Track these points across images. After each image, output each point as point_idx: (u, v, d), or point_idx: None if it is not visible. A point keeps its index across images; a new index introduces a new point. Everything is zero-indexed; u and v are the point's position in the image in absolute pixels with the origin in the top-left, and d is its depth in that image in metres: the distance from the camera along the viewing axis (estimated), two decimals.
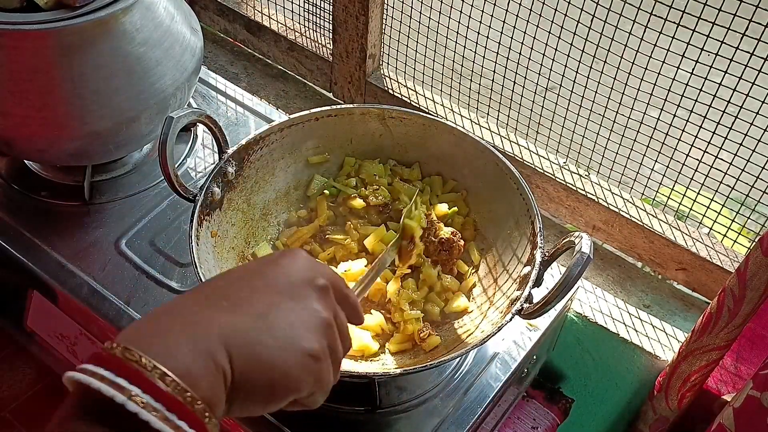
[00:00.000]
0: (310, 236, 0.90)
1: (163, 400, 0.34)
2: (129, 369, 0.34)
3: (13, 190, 1.02)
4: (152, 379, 0.34)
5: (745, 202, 0.92)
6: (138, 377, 0.34)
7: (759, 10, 0.77)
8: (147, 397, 0.33)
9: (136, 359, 0.34)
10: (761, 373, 0.74)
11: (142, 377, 0.34)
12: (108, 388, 0.33)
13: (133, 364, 0.34)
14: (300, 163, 0.93)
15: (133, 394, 0.33)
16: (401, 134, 0.93)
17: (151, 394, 0.33)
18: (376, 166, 0.93)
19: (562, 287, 0.69)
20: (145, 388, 0.33)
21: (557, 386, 1.10)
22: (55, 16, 0.82)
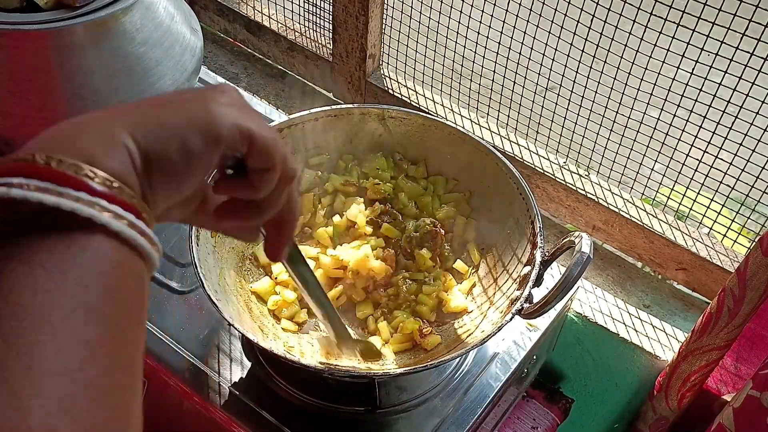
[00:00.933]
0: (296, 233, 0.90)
1: (97, 194, 0.32)
2: (52, 173, 0.32)
3: None
4: (79, 176, 0.32)
5: (745, 202, 0.92)
6: (64, 178, 0.32)
7: (759, 10, 0.77)
8: (81, 194, 0.32)
9: (53, 162, 0.32)
10: (761, 373, 0.74)
11: (68, 177, 0.32)
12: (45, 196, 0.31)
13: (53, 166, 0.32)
14: (300, 164, 0.93)
15: (68, 195, 0.31)
16: (401, 134, 0.93)
17: (84, 191, 0.32)
18: (379, 159, 0.93)
19: (562, 287, 0.69)
20: (76, 186, 0.32)
21: (557, 386, 1.10)
22: (55, 16, 0.82)
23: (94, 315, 0.31)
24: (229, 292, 0.80)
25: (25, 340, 0.28)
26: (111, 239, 0.32)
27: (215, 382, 0.82)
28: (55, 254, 0.31)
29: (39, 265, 0.30)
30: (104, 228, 0.32)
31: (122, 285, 0.33)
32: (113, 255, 0.33)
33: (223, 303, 0.74)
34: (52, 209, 0.31)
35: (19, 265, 0.30)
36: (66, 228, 0.31)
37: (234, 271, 0.85)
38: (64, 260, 0.31)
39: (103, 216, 0.32)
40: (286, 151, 0.43)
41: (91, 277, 0.31)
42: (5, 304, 0.29)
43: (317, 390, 0.82)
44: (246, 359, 0.85)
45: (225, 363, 0.84)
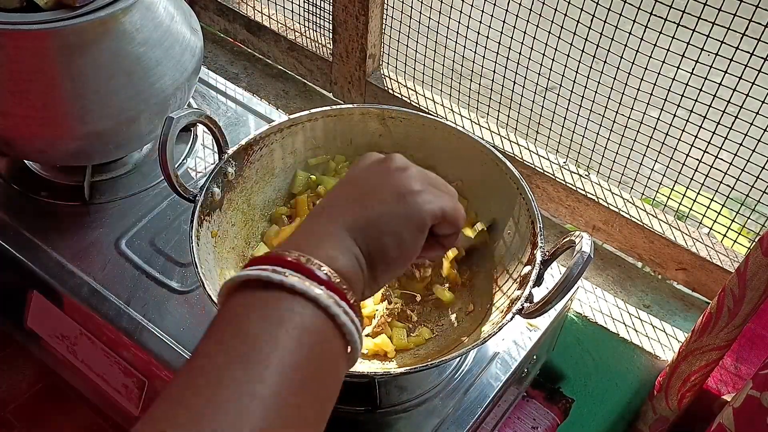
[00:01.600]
0: None
1: (320, 282, 0.41)
2: (294, 264, 0.42)
3: (13, 190, 1.02)
4: (312, 268, 0.42)
5: (745, 202, 0.92)
6: (301, 268, 0.42)
7: (759, 10, 0.77)
8: (309, 282, 0.41)
9: (296, 257, 0.42)
10: (761, 373, 0.74)
11: (304, 268, 0.42)
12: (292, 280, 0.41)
13: (295, 260, 0.42)
14: (300, 164, 0.93)
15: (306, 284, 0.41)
16: (401, 134, 0.93)
17: (313, 280, 0.41)
18: None
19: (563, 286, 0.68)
20: (308, 275, 0.41)
21: (557, 386, 1.10)
22: (55, 16, 0.82)
23: (303, 370, 0.39)
24: None
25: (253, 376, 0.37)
26: (326, 318, 0.41)
27: None
28: (281, 312, 0.40)
29: (279, 324, 0.39)
30: (315, 300, 0.41)
31: (326, 357, 0.41)
32: (324, 329, 0.41)
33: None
34: (295, 290, 0.41)
35: (267, 323, 0.39)
36: (291, 296, 0.40)
37: (234, 271, 0.85)
38: (285, 319, 0.40)
39: (314, 291, 0.41)
40: (460, 206, 0.52)
41: (300, 335, 0.39)
42: (251, 348, 0.38)
43: None
44: None
45: None
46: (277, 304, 0.40)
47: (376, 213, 0.46)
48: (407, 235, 0.46)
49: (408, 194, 0.47)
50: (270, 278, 0.40)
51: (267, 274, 0.40)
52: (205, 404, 0.35)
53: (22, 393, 1.31)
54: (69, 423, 1.26)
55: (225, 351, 0.38)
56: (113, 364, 0.89)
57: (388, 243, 0.46)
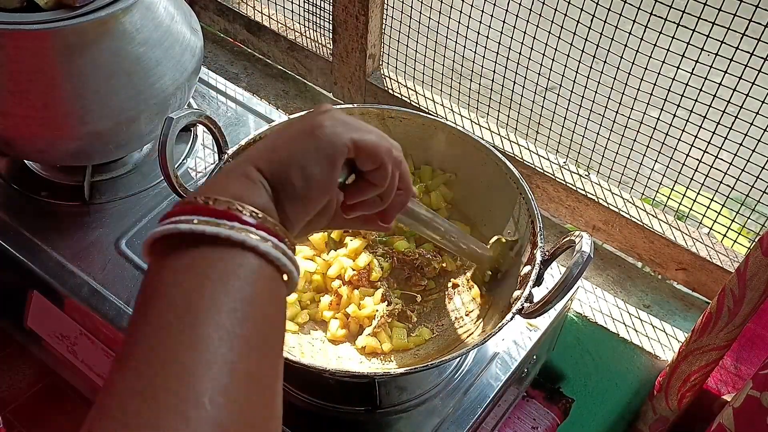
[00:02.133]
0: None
1: (246, 224, 0.40)
2: (210, 210, 0.40)
3: (13, 190, 1.02)
4: (231, 211, 0.40)
5: (745, 202, 0.92)
6: (220, 213, 0.40)
7: (759, 10, 0.77)
8: (234, 224, 0.40)
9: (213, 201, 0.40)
10: (761, 373, 0.74)
11: (223, 212, 0.40)
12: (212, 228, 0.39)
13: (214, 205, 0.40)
14: None
15: (224, 225, 0.39)
16: (401, 134, 0.93)
17: (236, 222, 0.40)
18: None
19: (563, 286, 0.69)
20: (230, 219, 0.40)
21: (557, 386, 1.10)
22: (55, 16, 0.82)
23: (248, 316, 0.37)
24: None
25: (197, 332, 0.35)
26: (259, 258, 0.40)
27: None
28: (218, 269, 0.38)
29: (206, 276, 0.38)
30: (254, 249, 0.39)
31: (268, 295, 0.40)
32: (261, 270, 0.40)
33: None
34: (212, 237, 0.39)
35: (192, 276, 0.38)
36: (224, 250, 0.39)
37: None
38: (225, 273, 0.38)
39: (251, 239, 0.39)
40: (389, 143, 0.50)
41: (244, 286, 0.38)
42: (183, 304, 0.36)
43: (317, 390, 0.82)
44: None
45: None
46: (214, 262, 0.38)
47: (284, 152, 0.45)
48: (315, 166, 0.45)
49: (317, 128, 0.46)
50: (204, 231, 0.39)
51: (201, 228, 0.39)
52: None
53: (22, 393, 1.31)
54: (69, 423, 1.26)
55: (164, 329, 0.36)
56: None
57: (294, 175, 0.45)
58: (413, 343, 0.82)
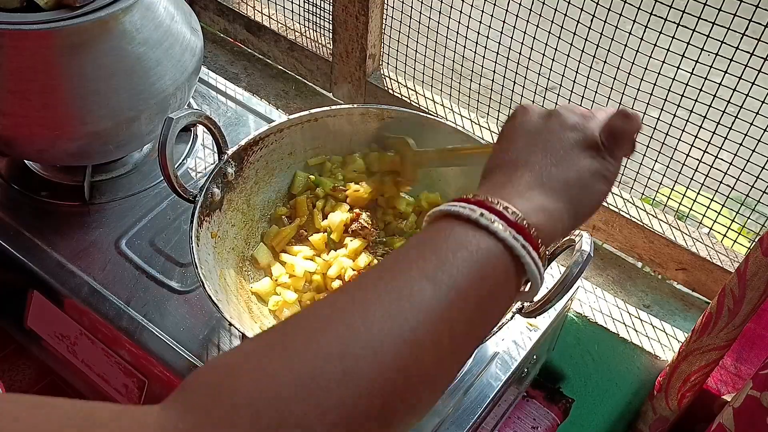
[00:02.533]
0: (293, 236, 0.90)
1: (509, 224, 0.44)
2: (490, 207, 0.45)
3: (13, 190, 1.02)
4: (504, 212, 0.44)
5: (745, 202, 0.92)
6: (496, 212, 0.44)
7: (759, 10, 0.77)
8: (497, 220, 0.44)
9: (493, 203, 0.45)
10: (761, 373, 0.74)
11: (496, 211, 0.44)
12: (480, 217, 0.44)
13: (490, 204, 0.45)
14: (300, 164, 0.93)
15: (491, 220, 0.44)
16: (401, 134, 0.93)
17: (502, 220, 0.44)
18: (356, 161, 0.93)
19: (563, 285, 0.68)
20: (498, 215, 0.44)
21: (557, 386, 1.10)
22: (55, 16, 0.82)
23: (474, 291, 0.41)
24: (230, 293, 0.80)
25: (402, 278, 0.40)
26: (498, 244, 0.43)
27: None
28: (452, 237, 0.43)
29: (439, 240, 0.43)
30: (495, 234, 0.43)
31: (492, 279, 0.43)
32: (495, 255, 0.43)
33: (224, 303, 0.74)
34: (465, 217, 0.44)
35: (428, 239, 0.44)
36: (470, 228, 0.44)
37: (234, 271, 0.85)
38: (457, 243, 0.43)
39: (493, 225, 0.43)
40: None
41: (469, 260, 0.42)
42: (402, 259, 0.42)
43: None
44: None
45: None
46: (464, 233, 0.43)
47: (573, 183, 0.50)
48: (598, 187, 0.51)
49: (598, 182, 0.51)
50: (468, 216, 0.44)
51: (467, 212, 0.44)
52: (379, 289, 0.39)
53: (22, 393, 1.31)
54: None
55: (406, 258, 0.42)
56: (113, 364, 0.89)
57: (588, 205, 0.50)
58: None
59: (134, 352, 0.86)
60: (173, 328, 0.86)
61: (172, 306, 0.88)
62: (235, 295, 0.81)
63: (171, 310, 0.88)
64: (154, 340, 0.85)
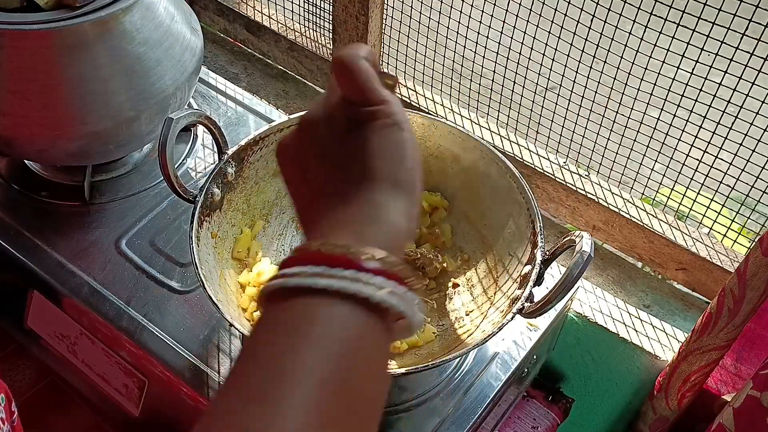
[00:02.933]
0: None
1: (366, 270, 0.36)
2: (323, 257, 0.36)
3: (13, 190, 1.02)
4: (348, 256, 0.36)
5: (745, 202, 0.92)
6: (334, 260, 0.36)
7: (759, 10, 0.77)
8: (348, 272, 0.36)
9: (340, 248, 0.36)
10: (761, 373, 0.74)
11: (338, 258, 0.36)
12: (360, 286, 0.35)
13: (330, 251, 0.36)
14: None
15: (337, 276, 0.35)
16: None
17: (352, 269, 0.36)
18: None
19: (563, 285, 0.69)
20: (345, 265, 0.36)
21: (557, 386, 1.10)
22: (55, 16, 0.82)
23: (339, 386, 0.34)
24: (230, 293, 0.80)
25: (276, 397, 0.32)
26: (370, 312, 0.35)
27: (215, 382, 0.82)
28: (319, 327, 0.34)
29: (304, 336, 0.34)
30: (366, 300, 0.35)
31: (374, 353, 0.36)
32: (372, 325, 0.36)
33: (224, 303, 0.74)
34: (322, 290, 0.35)
35: (288, 335, 0.34)
36: (333, 303, 0.35)
37: (234, 271, 0.85)
38: (323, 334, 0.34)
39: (366, 289, 0.35)
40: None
41: (340, 349, 0.34)
42: (273, 368, 0.33)
43: None
44: None
45: (225, 363, 0.84)
46: (316, 319, 0.35)
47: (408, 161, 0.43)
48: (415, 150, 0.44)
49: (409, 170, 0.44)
50: (313, 285, 0.35)
51: (310, 281, 0.35)
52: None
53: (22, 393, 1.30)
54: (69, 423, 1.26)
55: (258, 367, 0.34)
56: (113, 364, 0.89)
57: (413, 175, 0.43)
58: (423, 341, 0.83)
59: (134, 352, 0.86)
60: (173, 328, 0.86)
61: (172, 306, 0.88)
62: (235, 295, 0.81)
63: (171, 310, 0.88)
64: (155, 340, 0.85)
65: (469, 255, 0.91)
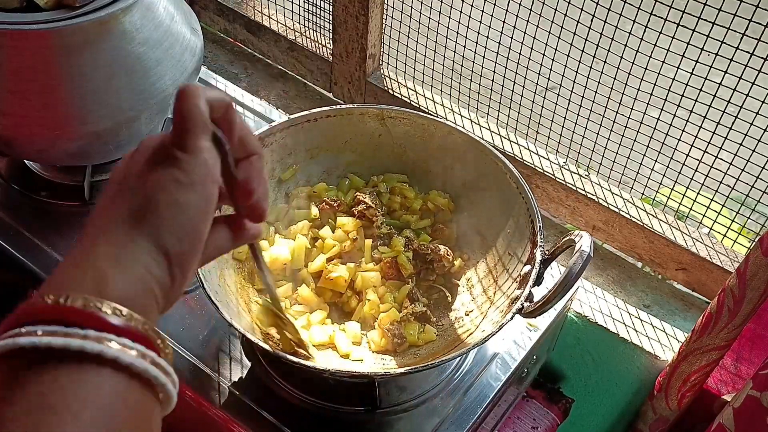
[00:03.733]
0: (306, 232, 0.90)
1: (107, 328, 0.32)
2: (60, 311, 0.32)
3: (13, 190, 1.02)
4: (87, 311, 0.32)
5: (745, 202, 0.92)
6: (72, 315, 0.32)
7: (759, 10, 0.77)
8: (89, 331, 0.32)
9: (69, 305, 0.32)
10: (761, 373, 0.74)
11: (77, 313, 0.32)
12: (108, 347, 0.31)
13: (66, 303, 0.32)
14: (299, 164, 0.93)
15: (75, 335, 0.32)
16: (400, 134, 0.93)
17: (92, 327, 0.32)
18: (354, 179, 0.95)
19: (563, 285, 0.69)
20: (84, 322, 0.32)
21: (557, 386, 1.10)
22: (55, 16, 0.82)
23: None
24: (229, 293, 0.80)
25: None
26: (122, 374, 0.32)
27: (215, 382, 0.82)
28: (67, 396, 0.30)
29: (50, 410, 0.30)
30: (114, 362, 0.32)
31: (133, 423, 0.33)
32: (124, 391, 0.32)
33: (223, 303, 0.74)
34: (61, 350, 0.31)
35: (33, 413, 0.30)
36: (77, 365, 0.31)
37: (234, 271, 0.85)
38: (76, 401, 0.30)
39: (110, 350, 0.32)
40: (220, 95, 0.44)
41: (103, 416, 0.31)
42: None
43: (317, 390, 0.82)
44: (246, 359, 0.85)
45: (225, 363, 0.84)
46: (64, 386, 0.31)
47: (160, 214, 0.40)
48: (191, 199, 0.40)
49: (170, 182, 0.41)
50: (49, 345, 0.31)
51: (46, 340, 0.31)
52: None
53: None
54: None
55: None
56: None
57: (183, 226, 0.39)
58: (423, 341, 0.83)
59: None
60: (173, 328, 0.86)
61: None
62: (235, 296, 0.81)
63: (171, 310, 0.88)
64: None
65: (469, 255, 0.91)
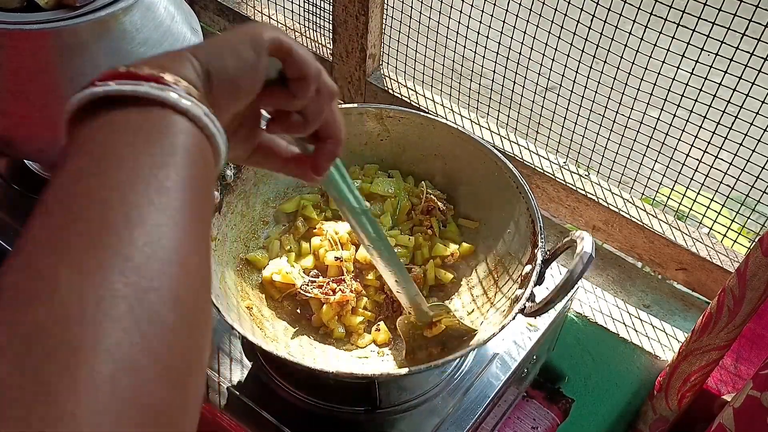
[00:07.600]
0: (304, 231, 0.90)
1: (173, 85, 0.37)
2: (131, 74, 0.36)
3: (13, 190, 1.02)
4: (155, 75, 0.37)
5: (745, 202, 0.92)
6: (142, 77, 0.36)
7: (759, 10, 0.77)
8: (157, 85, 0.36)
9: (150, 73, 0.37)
10: (761, 373, 0.74)
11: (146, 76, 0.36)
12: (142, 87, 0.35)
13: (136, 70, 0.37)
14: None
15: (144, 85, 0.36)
16: (400, 134, 0.93)
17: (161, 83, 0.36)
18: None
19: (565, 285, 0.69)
20: (154, 80, 0.36)
21: (557, 386, 1.10)
22: (56, 16, 0.82)
23: (185, 184, 0.34)
24: (230, 294, 0.80)
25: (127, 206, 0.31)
26: (190, 122, 0.36)
27: (215, 382, 0.82)
28: (139, 126, 0.35)
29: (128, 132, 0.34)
30: (174, 106, 0.36)
31: (201, 164, 0.36)
32: (194, 138, 0.36)
33: (224, 306, 0.74)
34: (132, 97, 0.35)
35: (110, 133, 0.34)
36: (146, 109, 0.35)
37: (234, 272, 0.84)
38: (146, 129, 0.35)
39: (182, 101, 0.36)
40: (319, 66, 0.48)
41: (171, 143, 0.35)
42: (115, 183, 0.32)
43: (317, 390, 0.82)
44: (246, 359, 0.85)
45: (225, 363, 0.84)
46: (152, 120, 0.35)
47: (220, 40, 0.44)
48: (245, 49, 0.44)
49: (255, 26, 0.46)
50: (121, 91, 0.35)
51: (117, 88, 0.35)
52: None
53: None
54: None
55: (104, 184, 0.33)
56: None
57: (227, 56, 0.43)
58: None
59: None
60: None
61: None
62: (236, 297, 0.81)
63: None
64: None
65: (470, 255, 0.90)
